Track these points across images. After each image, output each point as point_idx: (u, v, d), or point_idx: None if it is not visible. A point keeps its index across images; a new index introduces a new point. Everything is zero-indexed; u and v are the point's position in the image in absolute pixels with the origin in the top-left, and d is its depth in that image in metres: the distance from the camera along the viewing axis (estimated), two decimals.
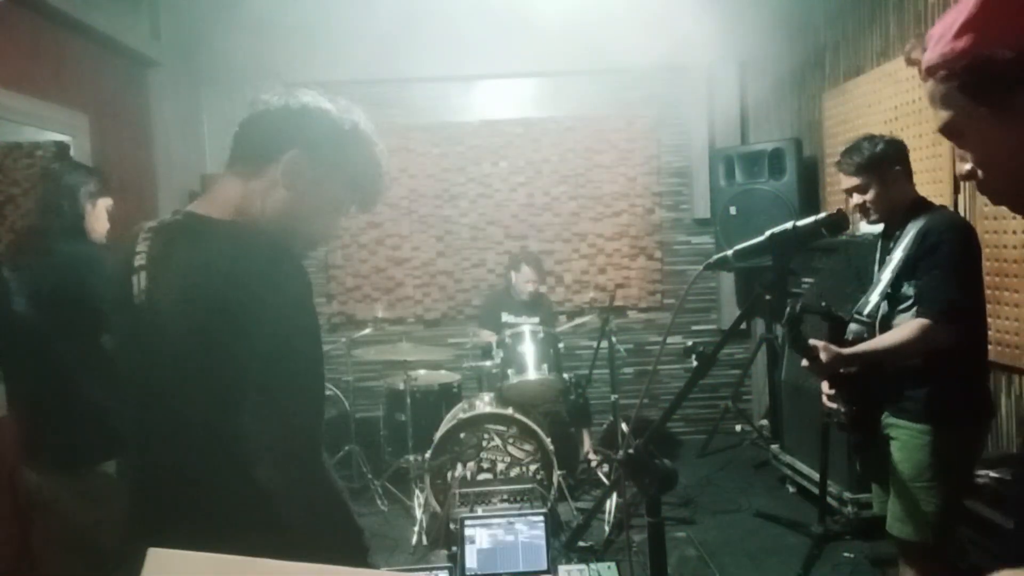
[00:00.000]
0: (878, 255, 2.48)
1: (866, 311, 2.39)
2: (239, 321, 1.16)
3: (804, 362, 2.26)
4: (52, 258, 2.37)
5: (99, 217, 2.53)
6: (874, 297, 2.37)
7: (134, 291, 1.23)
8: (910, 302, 2.27)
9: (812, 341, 2.23)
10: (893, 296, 2.32)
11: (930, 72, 0.96)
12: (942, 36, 0.93)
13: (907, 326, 2.22)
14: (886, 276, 2.34)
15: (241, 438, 1.17)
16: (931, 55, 0.95)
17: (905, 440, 2.30)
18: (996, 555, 2.66)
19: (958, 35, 0.91)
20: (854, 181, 2.42)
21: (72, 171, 2.56)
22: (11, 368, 2.48)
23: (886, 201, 2.39)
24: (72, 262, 2.33)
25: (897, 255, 2.32)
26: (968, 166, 0.99)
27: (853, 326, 2.41)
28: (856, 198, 2.45)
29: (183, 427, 1.22)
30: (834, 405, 2.35)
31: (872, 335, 2.33)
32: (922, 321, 2.19)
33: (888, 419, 2.36)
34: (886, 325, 2.32)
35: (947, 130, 0.98)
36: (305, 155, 1.29)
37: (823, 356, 2.21)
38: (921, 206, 2.38)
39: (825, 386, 2.38)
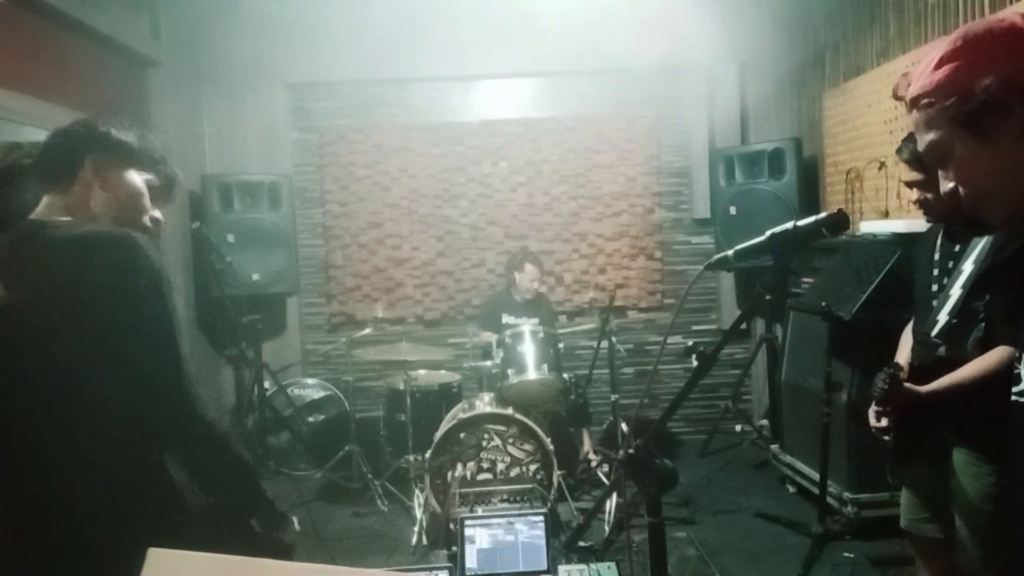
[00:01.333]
0: (936, 257, 2.21)
1: (934, 332, 2.12)
2: (97, 307, 1.34)
3: (874, 407, 2.09)
4: None
5: None
6: (943, 315, 2.10)
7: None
8: (982, 316, 2.03)
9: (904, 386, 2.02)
10: (965, 311, 2.06)
11: (914, 103, 1.08)
12: (924, 71, 1.05)
13: (990, 356, 1.96)
14: (956, 292, 2.07)
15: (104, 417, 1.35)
16: (914, 88, 1.07)
17: (966, 468, 2.07)
18: None
19: (938, 67, 1.02)
20: (914, 175, 2.14)
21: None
22: None
23: (952, 200, 2.17)
24: None
25: (967, 267, 2.06)
26: (950, 185, 1.09)
27: (919, 349, 2.20)
28: (916, 193, 2.16)
29: (58, 420, 1.35)
30: (884, 427, 2.15)
31: (950, 357, 2.08)
32: (1007, 349, 1.89)
33: (952, 447, 2.12)
34: (957, 343, 2.08)
35: (931, 152, 1.09)
36: (99, 157, 1.55)
37: (899, 398, 2.03)
38: None
39: (872, 417, 2.19)
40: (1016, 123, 0.97)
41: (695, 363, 1.49)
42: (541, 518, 2.23)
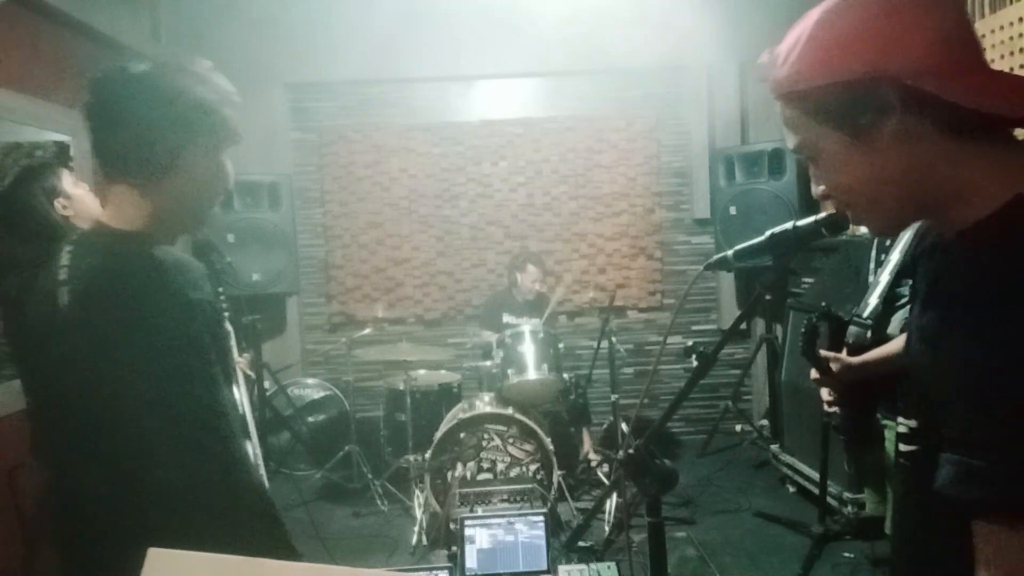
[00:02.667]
0: (873, 253, 2.47)
1: (865, 314, 2.36)
2: (146, 338, 1.19)
3: (814, 373, 2.23)
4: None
5: (83, 201, 2.36)
6: (873, 299, 2.35)
7: (58, 305, 1.23)
8: (904, 300, 2.26)
9: (823, 352, 2.20)
10: (889, 297, 2.32)
11: (777, 94, 0.94)
12: (787, 57, 0.90)
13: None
14: (884, 278, 2.33)
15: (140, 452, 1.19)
16: (777, 76, 0.93)
17: (894, 440, 2.28)
18: None
19: (799, 59, 0.88)
20: None
21: (30, 177, 2.38)
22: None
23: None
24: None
25: (895, 256, 2.31)
26: (823, 187, 0.97)
27: (853, 329, 2.35)
28: None
29: (91, 439, 1.24)
30: (834, 408, 2.33)
31: (875, 339, 2.27)
32: None
33: (882, 420, 2.31)
34: (881, 326, 2.29)
35: (799, 152, 0.97)
36: (196, 149, 1.29)
37: (834, 367, 2.15)
38: None
39: (824, 392, 2.36)
40: (892, 125, 0.85)
41: (695, 363, 1.49)
42: (541, 518, 2.24)
